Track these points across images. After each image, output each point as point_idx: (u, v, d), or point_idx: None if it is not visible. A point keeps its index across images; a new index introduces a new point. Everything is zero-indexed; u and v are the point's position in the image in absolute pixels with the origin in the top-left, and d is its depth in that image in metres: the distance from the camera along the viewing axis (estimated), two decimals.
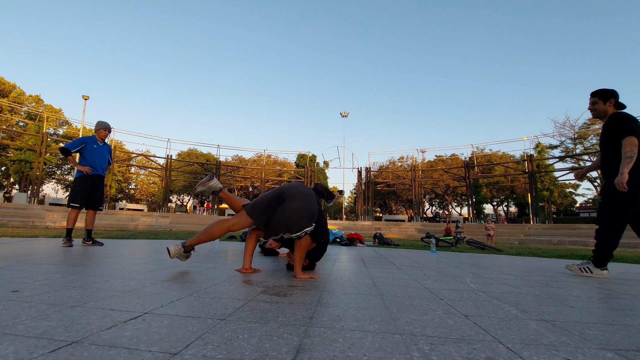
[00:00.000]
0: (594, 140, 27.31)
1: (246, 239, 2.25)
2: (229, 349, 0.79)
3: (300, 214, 2.00)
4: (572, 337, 0.99)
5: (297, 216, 1.99)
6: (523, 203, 30.05)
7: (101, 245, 4.09)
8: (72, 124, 28.64)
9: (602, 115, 2.67)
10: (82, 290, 1.41)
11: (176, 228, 16.94)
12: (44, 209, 17.01)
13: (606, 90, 2.64)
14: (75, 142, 4.22)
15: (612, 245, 2.57)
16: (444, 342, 0.91)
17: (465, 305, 1.40)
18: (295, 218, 1.98)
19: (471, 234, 15.32)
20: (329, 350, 0.81)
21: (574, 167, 25.00)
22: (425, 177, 29.75)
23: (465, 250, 6.38)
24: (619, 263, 4.26)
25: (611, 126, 2.57)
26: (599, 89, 2.67)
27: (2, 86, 27.48)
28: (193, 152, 33.74)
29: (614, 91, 2.62)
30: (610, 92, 2.62)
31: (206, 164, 30.14)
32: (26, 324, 0.92)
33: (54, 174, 31.71)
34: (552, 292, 1.84)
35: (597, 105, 2.66)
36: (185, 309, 1.15)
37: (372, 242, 7.61)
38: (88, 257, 2.72)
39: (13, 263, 2.19)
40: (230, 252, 3.80)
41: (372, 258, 3.70)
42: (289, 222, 1.99)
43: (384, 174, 32.53)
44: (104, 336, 0.84)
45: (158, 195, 32.51)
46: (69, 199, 4.12)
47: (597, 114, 2.69)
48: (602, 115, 2.67)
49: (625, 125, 2.46)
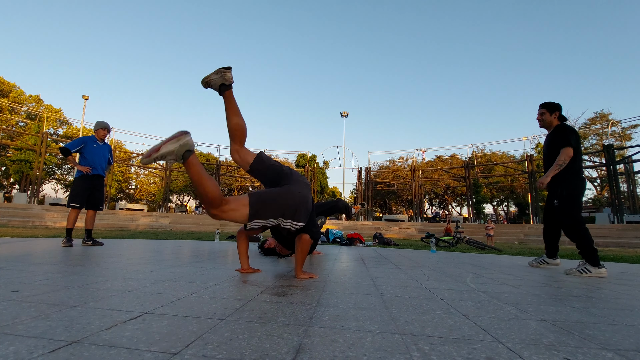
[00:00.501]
0: (594, 140, 27.33)
1: (237, 240, 2.14)
2: (229, 349, 0.79)
3: (308, 203, 1.91)
4: (572, 337, 0.99)
5: (306, 204, 1.90)
6: (523, 203, 30.04)
7: (101, 245, 4.09)
8: (72, 124, 28.65)
9: (547, 125, 2.97)
10: (82, 290, 1.41)
11: (176, 228, 16.95)
12: (44, 209, 17.01)
13: (553, 104, 2.95)
14: (75, 142, 4.23)
15: (591, 239, 2.73)
16: (444, 342, 0.91)
17: (465, 305, 1.40)
18: (303, 205, 1.88)
19: (471, 234, 15.32)
20: (329, 350, 0.81)
21: None
22: (425, 177, 29.76)
23: (465, 250, 6.38)
24: (619, 263, 4.26)
25: (555, 136, 2.88)
26: (547, 102, 2.98)
27: (2, 86, 27.47)
28: None
29: (559, 104, 2.95)
30: (556, 105, 2.93)
31: (206, 164, 30.14)
32: (26, 324, 0.92)
33: (54, 174, 31.69)
34: (552, 292, 1.84)
35: (544, 116, 2.95)
36: (185, 309, 1.15)
37: (372, 242, 7.61)
38: (88, 257, 2.72)
39: (13, 263, 2.19)
40: (230, 252, 3.80)
41: (372, 258, 3.70)
42: (297, 207, 1.84)
43: (384, 174, 32.53)
44: (104, 336, 0.84)
45: (158, 195, 32.51)
46: (69, 199, 4.13)
47: (544, 124, 2.97)
48: (547, 126, 2.97)
49: (567, 137, 2.80)
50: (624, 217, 16.36)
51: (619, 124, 23.71)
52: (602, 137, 25.82)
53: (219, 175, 26.80)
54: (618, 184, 17.80)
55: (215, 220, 2.00)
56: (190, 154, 1.60)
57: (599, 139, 26.52)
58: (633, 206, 17.80)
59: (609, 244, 12.88)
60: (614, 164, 17.99)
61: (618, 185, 17.79)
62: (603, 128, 25.89)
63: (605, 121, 25.92)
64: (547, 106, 2.93)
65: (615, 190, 17.45)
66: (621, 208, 17.28)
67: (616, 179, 17.83)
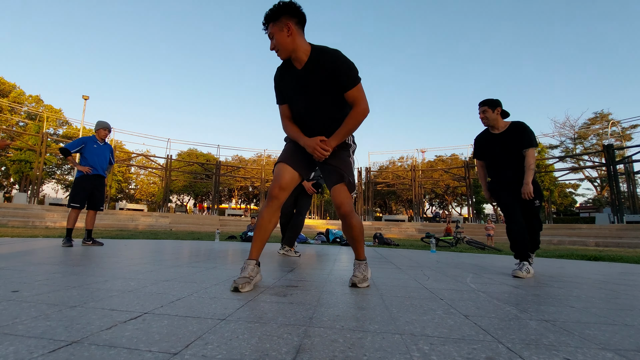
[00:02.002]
0: (594, 141, 27.32)
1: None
2: (229, 349, 0.79)
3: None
4: (572, 337, 0.99)
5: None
6: None
7: (101, 245, 4.09)
8: (72, 124, 28.65)
9: (492, 122, 2.85)
10: (82, 290, 1.41)
11: (176, 228, 16.95)
12: (43, 209, 17.01)
13: (493, 100, 2.86)
14: (75, 142, 4.23)
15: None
16: (444, 342, 0.91)
17: (465, 305, 1.40)
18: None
19: (471, 234, 15.33)
20: (329, 350, 0.81)
21: (574, 167, 25.01)
22: (425, 177, 29.76)
23: (465, 250, 6.38)
24: (619, 263, 4.25)
25: (516, 135, 2.75)
26: (486, 99, 2.88)
27: (2, 86, 27.46)
28: (193, 152, 33.75)
29: (499, 100, 2.86)
30: (496, 102, 2.85)
31: (206, 164, 30.14)
32: (26, 324, 0.92)
33: (54, 174, 31.69)
34: (552, 292, 1.84)
35: (487, 113, 2.85)
36: (185, 309, 1.15)
37: (372, 242, 7.61)
38: (88, 257, 2.72)
39: (13, 263, 2.19)
40: (230, 252, 3.80)
41: (372, 258, 3.70)
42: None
43: (384, 174, 32.53)
44: (104, 336, 0.84)
45: (158, 195, 32.52)
46: (69, 199, 4.13)
47: (488, 122, 2.87)
48: (492, 123, 2.86)
49: (532, 138, 2.71)
50: (624, 217, 16.37)
51: (619, 124, 23.71)
52: (602, 137, 25.81)
53: (218, 175, 26.80)
54: (618, 184, 17.81)
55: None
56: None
57: (599, 139, 26.52)
58: (633, 206, 17.81)
59: (609, 244, 12.88)
60: (614, 164, 17.99)
61: (618, 185, 17.79)
62: (603, 128, 25.89)
63: (605, 121, 25.92)
64: (487, 103, 2.84)
65: (615, 190, 17.45)
66: (621, 208, 17.28)
67: (616, 179, 17.83)
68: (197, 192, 36.44)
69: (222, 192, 35.21)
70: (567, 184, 32.09)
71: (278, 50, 1.65)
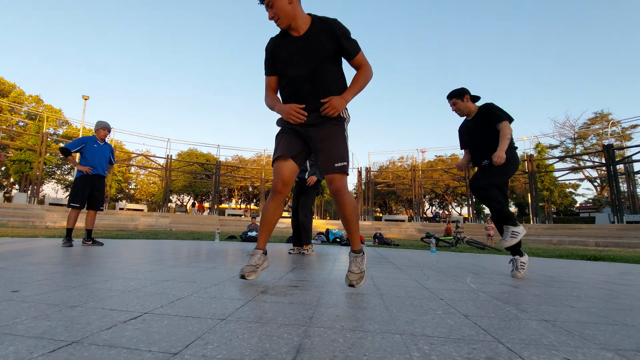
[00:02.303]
0: (594, 141, 27.33)
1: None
2: (229, 349, 0.79)
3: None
4: (572, 337, 0.99)
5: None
6: (523, 203, 30.02)
7: (101, 245, 4.09)
8: (72, 124, 28.64)
9: (465, 111, 2.82)
10: (82, 290, 1.41)
11: (176, 228, 16.95)
12: (43, 209, 17.02)
13: (458, 90, 2.82)
14: (75, 142, 4.24)
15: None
16: (444, 342, 0.91)
17: (465, 305, 1.40)
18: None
19: (471, 234, 15.33)
20: (329, 350, 0.81)
21: (574, 167, 25.03)
22: (425, 177, 29.76)
23: (465, 250, 6.38)
24: (619, 263, 4.26)
25: (487, 115, 2.70)
26: (452, 91, 2.84)
27: (2, 86, 27.46)
28: (193, 152, 33.73)
29: (465, 88, 2.82)
30: (462, 90, 2.81)
31: (206, 164, 30.14)
32: (26, 324, 0.92)
33: (54, 174, 31.68)
34: (552, 292, 1.84)
35: (457, 104, 2.82)
36: (185, 309, 1.15)
37: (372, 242, 7.61)
38: (88, 257, 2.72)
39: (13, 263, 2.19)
40: (230, 252, 3.80)
41: (372, 258, 3.70)
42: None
43: (384, 174, 32.53)
44: (104, 336, 0.84)
45: (158, 195, 32.50)
46: (69, 199, 4.13)
47: (461, 112, 2.84)
48: (466, 112, 2.83)
49: (500, 113, 2.64)
50: (624, 217, 16.37)
51: (619, 124, 23.72)
52: (602, 137, 25.83)
53: (218, 175, 26.80)
54: (618, 184, 17.82)
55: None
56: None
57: (599, 139, 26.53)
58: (633, 206, 17.82)
59: (609, 244, 12.88)
60: (614, 164, 18.00)
61: (618, 185, 17.80)
62: (603, 128, 25.90)
63: (605, 121, 25.94)
64: (454, 95, 2.80)
65: (615, 190, 17.45)
66: (621, 208, 17.29)
67: (616, 179, 17.84)
68: (197, 192, 36.44)
69: (222, 192, 35.21)
70: (567, 184, 32.10)
71: (278, 18, 1.64)
